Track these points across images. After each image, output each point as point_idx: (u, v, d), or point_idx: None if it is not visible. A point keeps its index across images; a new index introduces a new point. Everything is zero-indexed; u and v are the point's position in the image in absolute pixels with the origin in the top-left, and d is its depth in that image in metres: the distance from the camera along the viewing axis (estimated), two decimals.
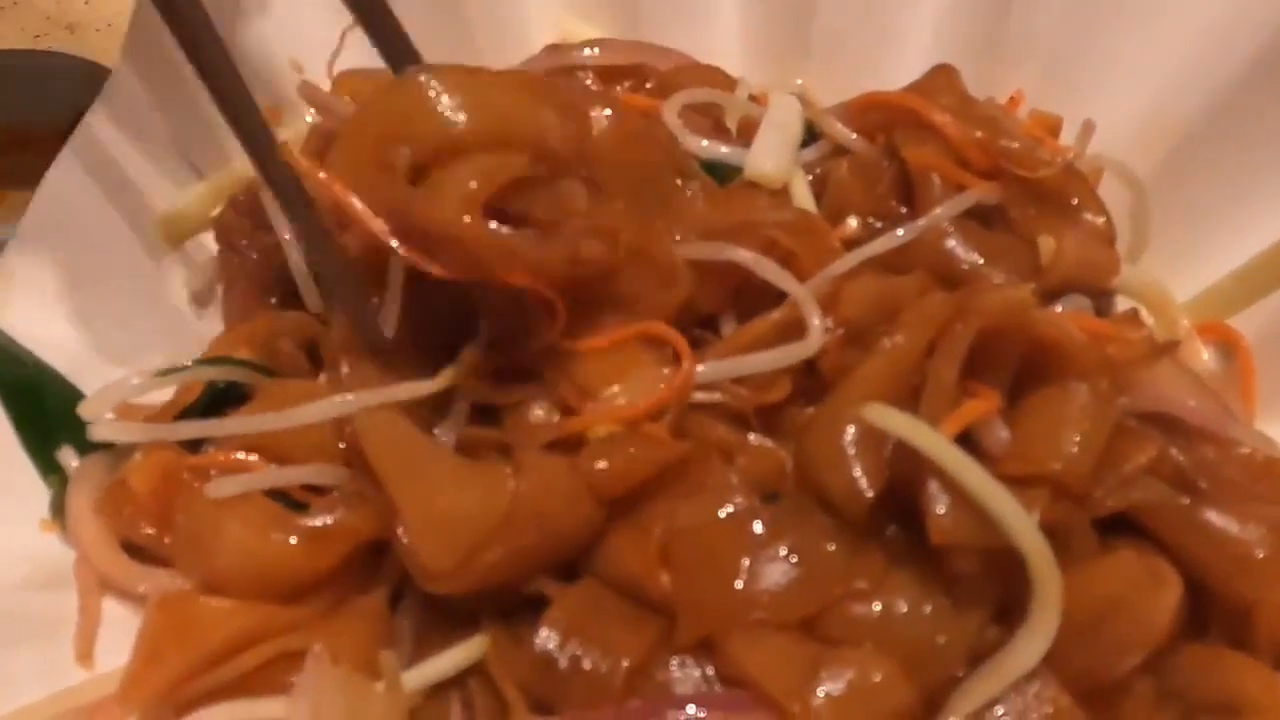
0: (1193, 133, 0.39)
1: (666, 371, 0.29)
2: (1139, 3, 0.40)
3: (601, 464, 0.27)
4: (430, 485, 0.27)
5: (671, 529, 0.27)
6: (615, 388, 0.28)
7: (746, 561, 0.26)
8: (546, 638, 0.26)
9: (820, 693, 0.25)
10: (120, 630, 0.29)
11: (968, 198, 0.34)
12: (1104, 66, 0.41)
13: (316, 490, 0.30)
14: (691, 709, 0.25)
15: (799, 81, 0.45)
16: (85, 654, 0.29)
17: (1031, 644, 0.25)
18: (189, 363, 0.34)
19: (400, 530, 0.27)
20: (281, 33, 0.43)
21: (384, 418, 0.28)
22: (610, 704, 0.25)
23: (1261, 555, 0.26)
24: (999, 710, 0.25)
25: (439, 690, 0.28)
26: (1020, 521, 0.25)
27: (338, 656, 0.27)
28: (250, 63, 0.41)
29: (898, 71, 0.43)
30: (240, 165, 0.41)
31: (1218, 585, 0.27)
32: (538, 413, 0.29)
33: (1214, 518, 0.27)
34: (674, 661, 0.26)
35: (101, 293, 0.37)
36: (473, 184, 0.28)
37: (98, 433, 0.31)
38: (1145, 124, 0.39)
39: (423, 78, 0.29)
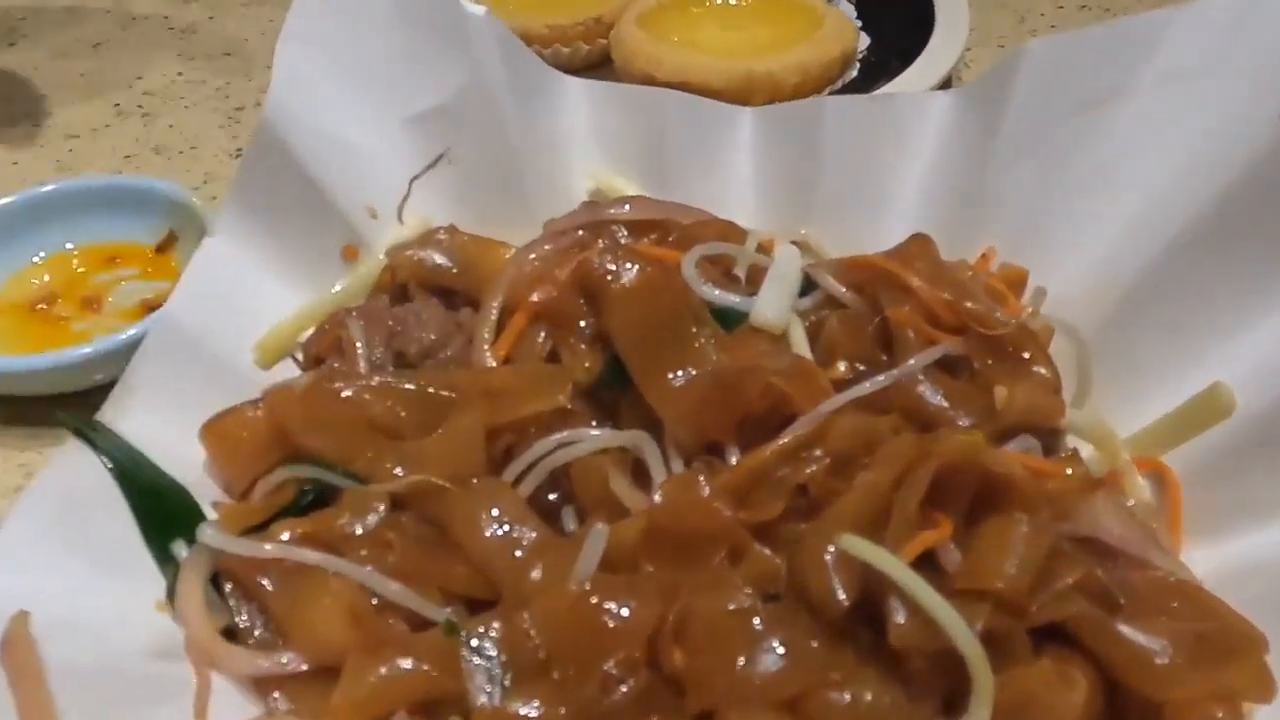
0: (1136, 289, 0.45)
1: None
2: (1093, 175, 0.47)
3: None
4: None
5: (686, 612, 0.33)
6: None
7: (746, 648, 0.32)
8: None
9: None
10: (226, 697, 0.35)
11: (936, 351, 0.40)
12: (1062, 228, 0.48)
13: None
14: None
15: (803, 231, 0.51)
16: (201, 716, 0.34)
17: None
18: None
19: None
20: (361, 183, 0.50)
21: None
22: None
23: (1164, 663, 0.32)
24: None
25: None
26: (962, 631, 0.31)
27: None
28: (337, 208, 0.49)
29: (890, 223, 0.51)
30: (323, 299, 0.48)
31: (1132, 686, 0.33)
32: None
33: (1128, 630, 0.33)
34: None
35: (206, 405, 0.43)
36: None
37: (209, 540, 0.37)
38: (1097, 280, 0.46)
39: None
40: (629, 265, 0.43)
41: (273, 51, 0.79)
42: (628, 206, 0.48)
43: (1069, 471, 0.38)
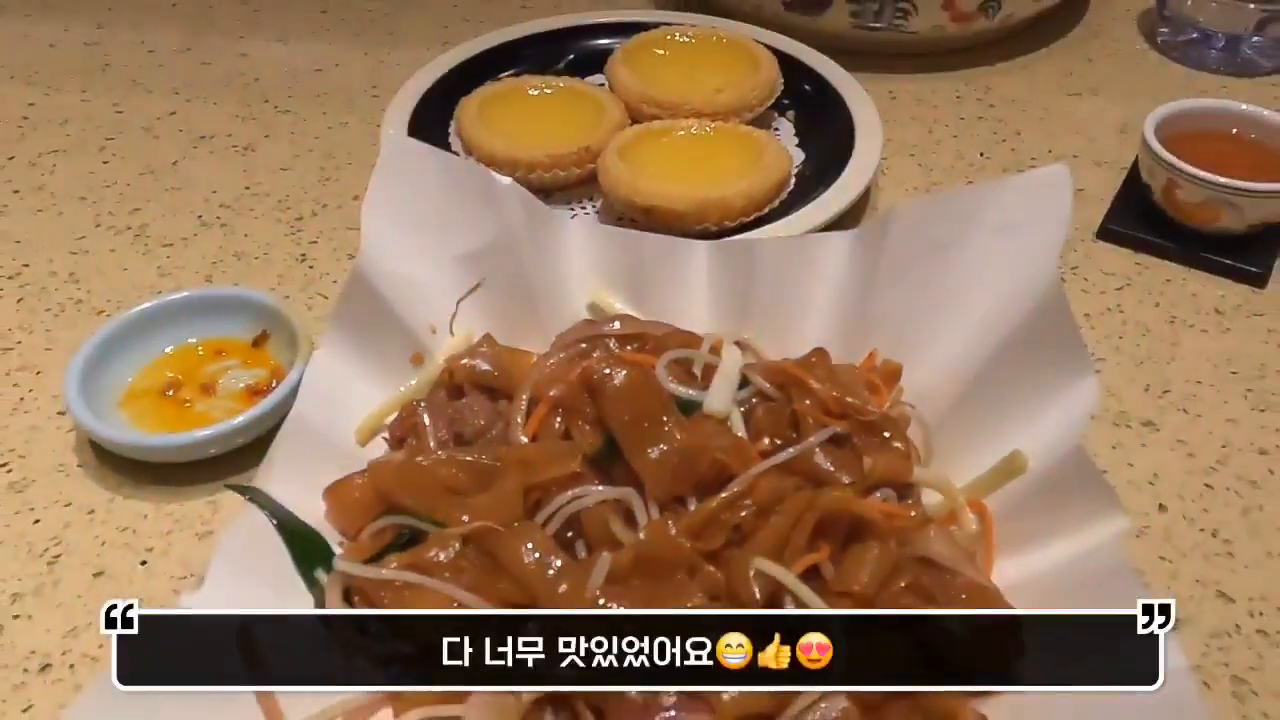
0: (971, 383, 0.62)
1: None
2: (943, 299, 0.64)
3: None
4: None
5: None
6: None
7: None
8: None
9: None
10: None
11: (827, 432, 0.56)
12: (921, 337, 0.64)
13: None
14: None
15: (746, 335, 0.68)
16: None
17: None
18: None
19: None
20: (423, 307, 0.68)
21: None
22: None
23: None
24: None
25: None
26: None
27: None
28: (406, 327, 0.67)
29: (806, 328, 0.68)
30: (399, 395, 0.66)
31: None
32: None
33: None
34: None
35: (324, 474, 0.60)
36: None
37: (343, 567, 0.55)
38: (944, 375, 0.63)
39: None
40: (619, 369, 0.60)
41: (321, 168, 0.98)
42: (616, 324, 0.65)
43: (912, 514, 0.56)
